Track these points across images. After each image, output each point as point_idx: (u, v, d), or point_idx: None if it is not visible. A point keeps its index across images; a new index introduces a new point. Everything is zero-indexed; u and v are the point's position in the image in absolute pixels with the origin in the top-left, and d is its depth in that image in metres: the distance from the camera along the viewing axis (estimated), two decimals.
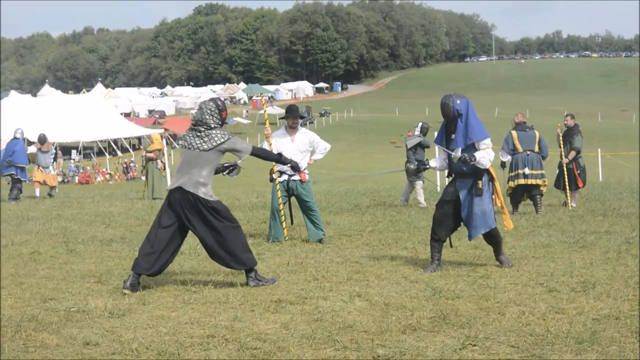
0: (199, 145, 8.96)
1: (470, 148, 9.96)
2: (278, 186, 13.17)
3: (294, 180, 13.07)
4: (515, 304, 7.82)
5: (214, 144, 8.93)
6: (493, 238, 10.32)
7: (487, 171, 10.19)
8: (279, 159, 9.77)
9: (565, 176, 18.56)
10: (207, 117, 9.03)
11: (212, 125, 9.02)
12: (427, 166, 10.81)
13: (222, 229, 8.95)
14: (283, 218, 13.11)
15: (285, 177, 13.11)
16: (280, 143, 13.04)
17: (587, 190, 21.23)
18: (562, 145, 18.69)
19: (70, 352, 6.38)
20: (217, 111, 9.09)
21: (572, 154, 18.84)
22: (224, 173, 9.84)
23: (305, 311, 7.65)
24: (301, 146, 13.06)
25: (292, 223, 13.53)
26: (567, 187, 18.44)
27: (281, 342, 6.48)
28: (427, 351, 6.22)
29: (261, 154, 9.54)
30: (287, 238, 13.02)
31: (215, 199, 9.04)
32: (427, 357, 6.09)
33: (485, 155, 9.95)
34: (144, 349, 6.38)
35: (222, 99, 9.09)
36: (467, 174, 10.14)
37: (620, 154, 53.16)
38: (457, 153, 9.96)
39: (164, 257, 8.99)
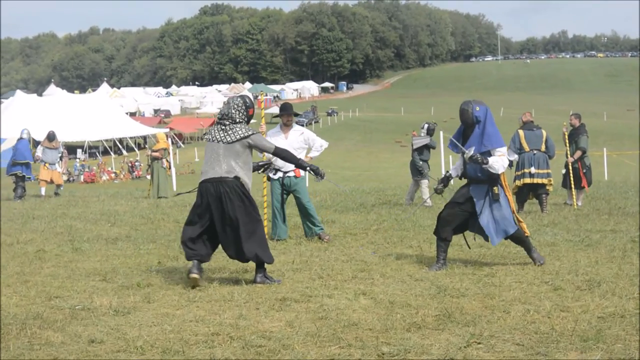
0: (222, 137, 9.09)
1: (485, 155, 9.96)
2: (266, 184, 13.22)
3: (289, 177, 13.09)
4: (520, 302, 7.81)
5: (237, 136, 9.05)
6: (518, 239, 10.30)
7: (501, 177, 10.23)
8: (298, 162, 9.75)
9: (571, 175, 18.56)
10: (233, 111, 9.19)
11: (237, 120, 9.18)
12: (451, 178, 10.75)
13: (246, 222, 9.01)
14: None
15: (280, 174, 13.12)
16: (273, 141, 13.03)
17: (592, 189, 21.22)
18: (567, 145, 18.69)
19: (75, 349, 6.38)
20: (243, 107, 9.25)
21: (578, 153, 18.82)
22: (260, 171, 10.18)
23: (310, 309, 7.64)
24: (295, 143, 13.02)
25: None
26: (573, 187, 18.45)
27: (286, 340, 6.48)
28: (431, 349, 6.21)
29: (283, 155, 9.53)
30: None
31: (248, 190, 9.14)
32: (432, 355, 6.08)
33: (499, 161, 9.95)
34: (148, 347, 6.38)
35: (250, 98, 9.21)
36: (481, 180, 10.13)
37: (625, 153, 53.09)
38: (470, 152, 9.99)
39: (209, 244, 9.23)
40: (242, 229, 8.99)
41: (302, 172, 13.09)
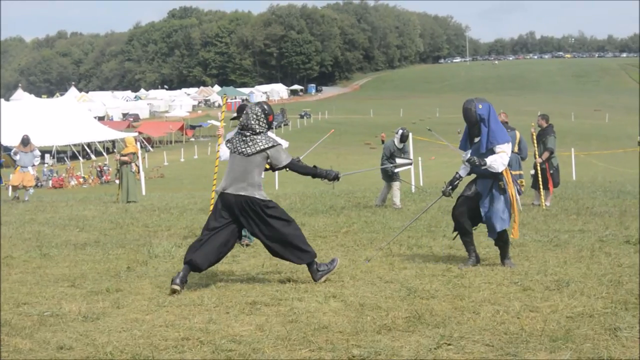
0: (243, 149, 9.14)
1: (492, 152, 10.04)
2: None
3: None
4: (489, 302, 7.84)
5: (257, 149, 9.09)
6: (502, 240, 10.37)
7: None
8: (315, 172, 9.59)
9: (539, 176, 18.67)
10: (252, 122, 9.20)
11: (258, 130, 9.19)
12: (460, 180, 10.75)
13: (279, 227, 9.09)
14: None
15: None
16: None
17: (561, 189, 21.37)
18: (536, 145, 18.81)
19: (43, 356, 6.33)
20: (263, 115, 9.25)
21: (546, 154, 18.96)
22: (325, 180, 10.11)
23: (280, 312, 7.63)
24: None
25: None
26: (541, 187, 18.59)
27: (256, 344, 6.46)
28: (402, 351, 6.21)
29: (297, 169, 9.44)
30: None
31: (268, 199, 9.20)
32: (402, 357, 6.08)
33: (498, 159, 10.02)
34: (118, 353, 6.34)
35: (268, 104, 9.27)
36: (488, 175, 10.21)
37: (593, 153, 53.52)
38: (467, 155, 10.11)
39: (213, 255, 9.11)
40: (280, 232, 9.09)
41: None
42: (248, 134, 9.17)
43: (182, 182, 47.15)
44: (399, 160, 19.95)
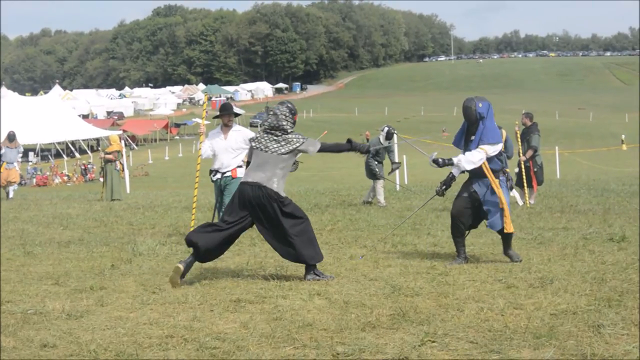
0: (276, 149, 9.29)
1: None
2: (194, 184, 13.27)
3: (226, 177, 13.05)
4: (474, 300, 7.84)
5: (291, 147, 9.29)
6: (506, 234, 10.41)
7: (502, 172, 10.33)
8: (350, 146, 9.74)
9: (523, 174, 18.73)
10: (283, 122, 9.39)
11: (289, 130, 9.40)
12: (454, 179, 10.75)
13: (289, 227, 9.17)
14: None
15: (219, 175, 13.08)
16: (213, 141, 13.02)
17: (545, 187, 21.44)
18: (520, 143, 18.88)
19: (27, 354, 6.30)
20: (290, 115, 9.46)
21: (530, 152, 19.01)
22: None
23: (264, 310, 7.62)
24: (234, 144, 12.97)
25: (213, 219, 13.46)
26: (525, 185, 18.64)
27: (240, 342, 6.45)
28: (386, 348, 6.21)
29: (332, 148, 9.74)
30: None
31: (285, 195, 9.33)
32: (387, 354, 6.08)
33: (469, 157, 10.09)
34: (102, 350, 6.31)
35: (291, 103, 9.53)
36: (482, 174, 10.24)
37: (577, 151, 53.71)
38: (432, 156, 10.19)
39: (218, 250, 9.37)
40: (287, 232, 9.16)
41: (238, 173, 13.02)
42: (279, 133, 9.36)
43: (166, 180, 47.08)
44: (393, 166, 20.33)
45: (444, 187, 10.73)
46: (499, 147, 10.25)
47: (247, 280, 9.27)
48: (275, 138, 9.33)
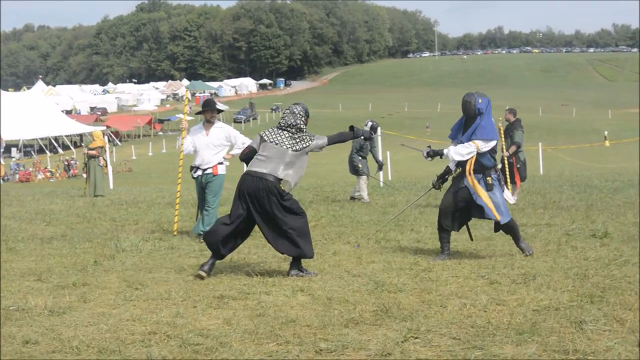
0: (291, 145, 9.49)
1: None
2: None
3: (207, 174, 13.00)
4: (456, 296, 7.86)
5: (304, 145, 9.51)
6: (510, 229, 10.45)
7: (495, 169, 10.35)
8: (352, 134, 10.06)
9: (507, 170, 18.78)
10: (299, 121, 9.65)
11: (303, 128, 9.68)
12: (450, 173, 10.75)
13: (289, 220, 9.28)
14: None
15: (200, 172, 13.03)
16: (194, 137, 12.99)
17: (528, 183, 21.50)
18: (503, 139, 18.93)
19: (9, 351, 6.27)
20: (305, 115, 9.77)
21: (513, 148, 19.06)
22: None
23: (247, 306, 7.62)
24: (215, 140, 12.92)
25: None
26: (508, 181, 18.67)
27: (223, 338, 6.44)
28: (369, 344, 6.21)
29: (337, 139, 9.90)
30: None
31: (287, 192, 9.43)
32: (370, 350, 6.08)
33: (459, 149, 10.15)
34: (84, 347, 6.29)
35: (305, 105, 9.85)
36: (475, 170, 10.24)
37: (560, 147, 53.88)
38: (425, 150, 10.29)
39: (230, 244, 9.55)
40: (284, 225, 9.25)
41: (219, 170, 12.99)
42: (294, 131, 9.56)
43: (150, 176, 46.95)
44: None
45: (439, 180, 10.78)
46: (493, 143, 10.25)
47: (230, 277, 9.27)
48: (290, 135, 9.51)
